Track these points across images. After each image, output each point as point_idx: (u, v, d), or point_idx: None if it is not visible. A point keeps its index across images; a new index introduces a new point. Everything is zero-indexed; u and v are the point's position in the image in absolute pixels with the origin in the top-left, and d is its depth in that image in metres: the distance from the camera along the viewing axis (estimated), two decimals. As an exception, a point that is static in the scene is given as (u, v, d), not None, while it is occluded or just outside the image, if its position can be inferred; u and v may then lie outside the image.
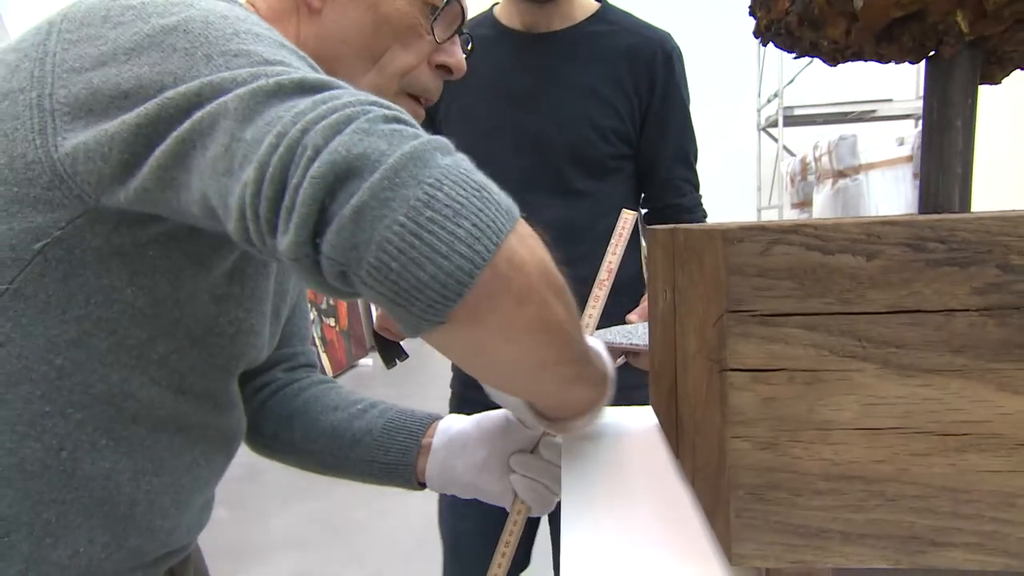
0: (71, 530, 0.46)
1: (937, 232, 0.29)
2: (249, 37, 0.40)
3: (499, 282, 0.34)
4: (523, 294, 0.35)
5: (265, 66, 0.38)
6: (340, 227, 0.32)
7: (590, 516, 0.42)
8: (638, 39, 1.01)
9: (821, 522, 0.31)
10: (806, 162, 4.23)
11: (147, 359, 0.47)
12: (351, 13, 0.56)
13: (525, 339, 0.38)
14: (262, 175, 0.34)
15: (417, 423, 0.66)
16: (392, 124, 0.35)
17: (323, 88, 0.37)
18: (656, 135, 1.04)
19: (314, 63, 0.43)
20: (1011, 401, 0.30)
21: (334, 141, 0.33)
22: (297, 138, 0.33)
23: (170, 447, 0.51)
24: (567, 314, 0.39)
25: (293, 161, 0.33)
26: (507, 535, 0.62)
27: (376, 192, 0.32)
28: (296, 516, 2.47)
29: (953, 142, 0.42)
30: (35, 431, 0.44)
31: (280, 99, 0.36)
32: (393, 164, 0.32)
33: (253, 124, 0.35)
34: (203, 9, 0.42)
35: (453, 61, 0.62)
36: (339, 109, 0.34)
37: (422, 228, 0.32)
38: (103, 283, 0.44)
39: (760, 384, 0.31)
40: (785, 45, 0.46)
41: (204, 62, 0.38)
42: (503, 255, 0.34)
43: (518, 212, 0.36)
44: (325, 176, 0.32)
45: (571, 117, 0.99)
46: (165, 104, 0.38)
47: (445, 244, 0.32)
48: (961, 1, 0.37)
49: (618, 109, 1.00)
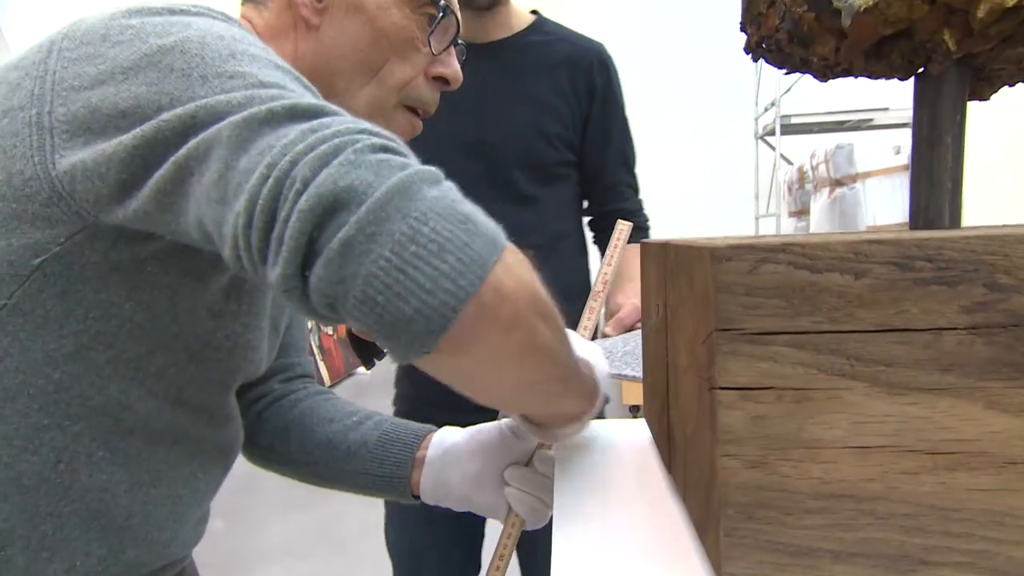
0: (67, 543, 0.46)
1: (924, 251, 0.29)
2: (245, 58, 0.41)
3: (485, 314, 0.34)
4: (509, 324, 0.36)
5: (259, 88, 0.38)
6: (328, 261, 0.32)
7: (582, 530, 0.42)
8: (575, 48, 1.05)
9: (811, 541, 0.31)
10: (803, 171, 4.24)
11: (145, 372, 0.47)
12: (349, 28, 0.57)
13: (512, 365, 0.38)
14: (253, 206, 0.34)
15: (412, 435, 0.66)
16: (380, 154, 0.35)
17: (315, 115, 0.37)
18: (600, 140, 1.06)
19: (309, 83, 0.44)
20: (999, 419, 0.30)
21: (321, 174, 0.33)
22: (286, 170, 0.34)
23: (167, 459, 0.51)
24: (555, 335, 0.40)
25: (282, 193, 0.33)
26: (501, 548, 0.62)
27: (362, 226, 0.32)
28: (292, 526, 2.46)
29: (943, 158, 0.42)
30: (32, 444, 0.44)
31: (272, 127, 0.36)
32: (379, 198, 0.33)
33: (246, 153, 0.35)
34: (200, 29, 0.42)
35: (450, 72, 0.62)
36: (328, 139, 0.35)
37: (407, 263, 0.32)
38: (101, 298, 0.44)
39: (749, 402, 0.31)
40: (776, 61, 0.46)
41: (200, 83, 0.39)
42: (489, 287, 0.34)
43: (505, 240, 0.36)
44: (313, 209, 0.33)
45: (517, 124, 1.01)
46: (161, 127, 0.38)
47: (429, 279, 0.32)
48: (948, 20, 0.37)
49: (561, 115, 1.03)
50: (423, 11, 0.59)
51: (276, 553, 2.31)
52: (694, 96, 6.02)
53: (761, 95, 5.13)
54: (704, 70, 5.84)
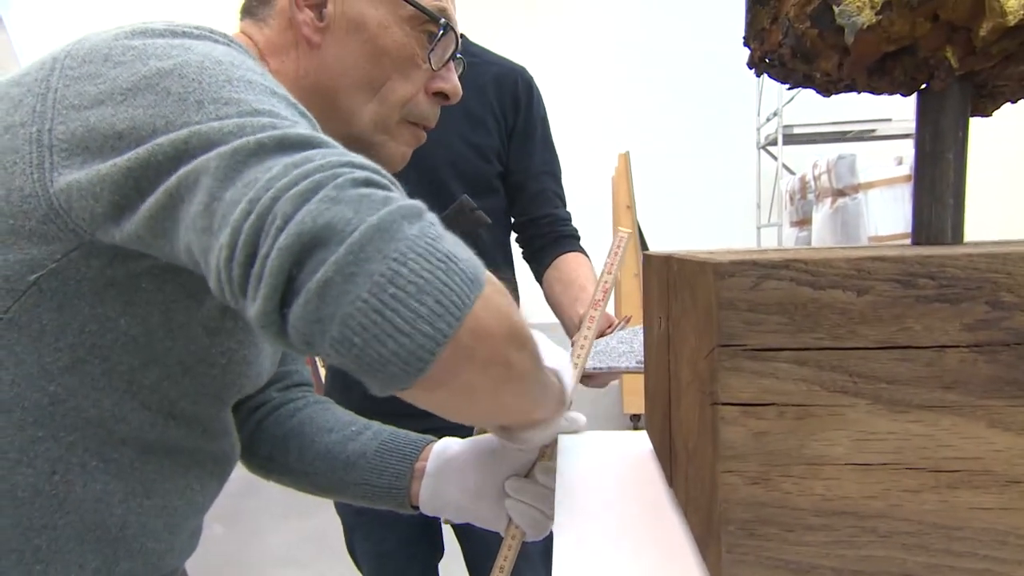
0: (62, 555, 0.46)
1: (927, 268, 0.30)
2: (241, 85, 0.41)
3: (462, 355, 0.34)
4: (486, 362, 0.36)
5: (253, 117, 0.39)
6: (306, 301, 0.33)
7: (583, 543, 0.42)
8: (501, 68, 1.11)
9: (813, 558, 0.31)
10: (805, 181, 4.24)
11: (139, 385, 0.48)
12: (350, 46, 0.57)
13: (487, 396, 0.39)
14: (235, 241, 0.34)
15: (411, 446, 0.66)
16: (361, 188, 0.35)
17: (303, 146, 0.38)
18: (523, 150, 1.11)
19: (304, 109, 0.44)
20: (1002, 438, 0.30)
21: (302, 211, 0.33)
22: (268, 206, 0.34)
23: (160, 470, 0.51)
24: (530, 362, 0.41)
25: (263, 229, 0.34)
26: (501, 559, 0.61)
27: (341, 267, 0.32)
28: (292, 533, 2.45)
29: (945, 174, 0.42)
30: (27, 457, 0.44)
31: (259, 159, 0.36)
32: (358, 238, 0.33)
33: (232, 185, 0.36)
34: (200, 54, 0.42)
35: (449, 87, 0.63)
36: (310, 175, 0.35)
37: (385, 305, 0.32)
38: (97, 312, 0.45)
39: (751, 418, 0.31)
40: (779, 76, 0.46)
41: (196, 108, 0.39)
42: (467, 328, 0.34)
43: (484, 275, 0.36)
44: (291, 247, 0.33)
45: (450, 135, 1.05)
46: (155, 150, 0.38)
47: (407, 322, 0.33)
48: (951, 37, 0.37)
49: (490, 129, 1.08)
50: (423, 28, 0.60)
51: (276, 560, 2.30)
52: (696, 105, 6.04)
53: (763, 105, 5.15)
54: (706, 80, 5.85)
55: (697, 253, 0.40)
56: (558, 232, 1.12)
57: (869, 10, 0.38)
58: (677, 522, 0.43)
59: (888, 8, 0.37)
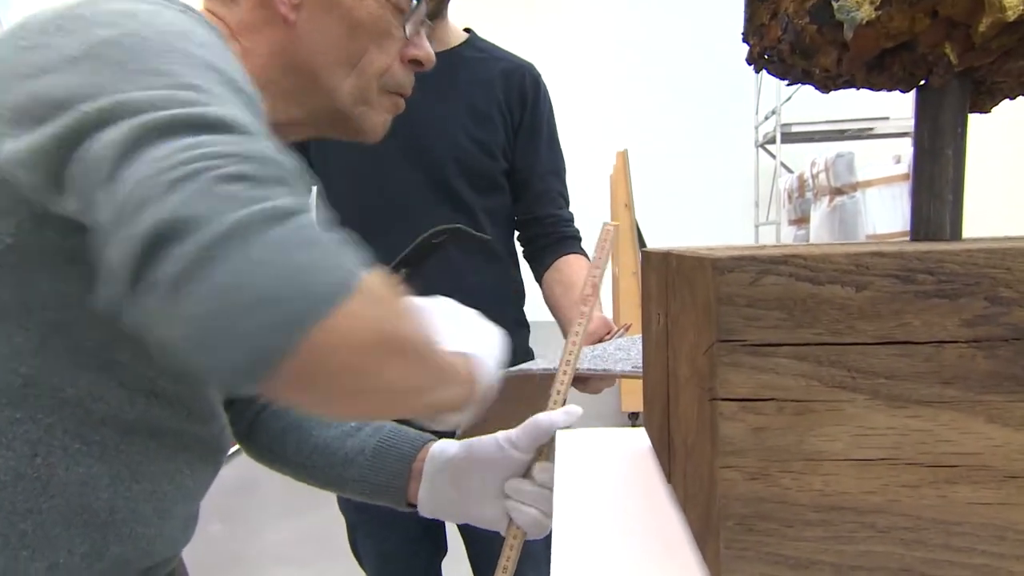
0: (49, 540, 0.46)
1: (926, 264, 0.29)
2: (178, 56, 0.40)
3: (306, 367, 0.34)
4: (337, 372, 0.36)
5: (180, 91, 0.38)
6: (149, 292, 0.32)
7: (582, 541, 0.42)
8: (509, 64, 1.10)
9: (812, 553, 0.31)
10: (804, 179, 4.25)
11: (112, 362, 0.47)
12: (326, 21, 0.57)
13: (345, 402, 0.39)
14: (117, 218, 0.34)
15: (409, 445, 0.66)
16: (234, 185, 0.34)
17: (212, 128, 0.37)
18: (529, 147, 1.10)
19: (246, 85, 0.44)
20: (1001, 433, 0.30)
21: (168, 199, 0.33)
22: (146, 187, 0.34)
23: (145, 452, 0.51)
24: (409, 368, 0.40)
25: (133, 211, 0.33)
26: (504, 560, 0.61)
27: (187, 266, 0.32)
28: (290, 531, 2.45)
29: (944, 170, 0.42)
30: (6, 439, 0.44)
31: (164, 138, 0.36)
32: (211, 238, 0.32)
33: (132, 162, 0.35)
34: (145, 23, 0.42)
35: (423, 54, 0.62)
36: (192, 161, 0.34)
37: (224, 313, 0.32)
38: (58, 288, 0.45)
39: (750, 414, 0.31)
40: (778, 72, 0.46)
41: (128, 78, 0.39)
42: (312, 343, 0.33)
43: (353, 281, 0.35)
44: (146, 235, 0.33)
45: (455, 131, 1.05)
46: (80, 118, 0.38)
47: (243, 334, 0.33)
48: (950, 33, 0.37)
49: (496, 126, 1.07)
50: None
51: (275, 558, 2.30)
52: (695, 104, 6.04)
53: (761, 103, 5.15)
54: (705, 78, 5.85)
55: (696, 249, 0.40)
56: (560, 233, 1.11)
57: (868, 6, 0.38)
58: (676, 518, 0.43)
59: (887, 4, 0.37)
